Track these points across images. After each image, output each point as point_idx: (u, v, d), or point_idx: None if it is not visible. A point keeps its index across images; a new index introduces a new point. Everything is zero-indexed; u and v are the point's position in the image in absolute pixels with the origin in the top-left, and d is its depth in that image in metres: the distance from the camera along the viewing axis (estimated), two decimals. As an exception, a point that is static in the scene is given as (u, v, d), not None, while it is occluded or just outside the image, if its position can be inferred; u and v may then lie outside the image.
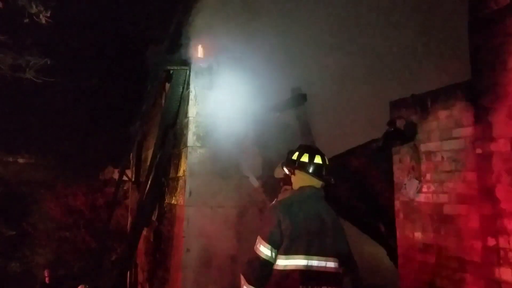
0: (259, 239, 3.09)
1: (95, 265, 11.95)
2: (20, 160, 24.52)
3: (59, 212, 18.87)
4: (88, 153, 20.89)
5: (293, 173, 3.36)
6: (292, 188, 3.46)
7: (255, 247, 3.09)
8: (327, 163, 3.26)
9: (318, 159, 3.24)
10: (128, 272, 10.44)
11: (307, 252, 3.00)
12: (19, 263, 19.85)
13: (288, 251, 3.00)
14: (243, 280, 3.14)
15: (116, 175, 18.21)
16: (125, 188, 14.71)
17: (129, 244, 5.75)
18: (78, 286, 10.55)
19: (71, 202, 18.93)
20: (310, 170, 3.24)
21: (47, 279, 11.39)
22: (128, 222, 12.37)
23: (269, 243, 3.02)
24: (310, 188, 3.23)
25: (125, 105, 15.19)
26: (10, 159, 24.19)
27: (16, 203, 20.79)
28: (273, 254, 3.02)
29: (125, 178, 10.29)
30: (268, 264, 3.02)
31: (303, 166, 3.26)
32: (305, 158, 3.26)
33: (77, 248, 17.88)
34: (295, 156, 3.30)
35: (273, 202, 3.81)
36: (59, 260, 16.90)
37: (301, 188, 3.28)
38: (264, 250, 3.03)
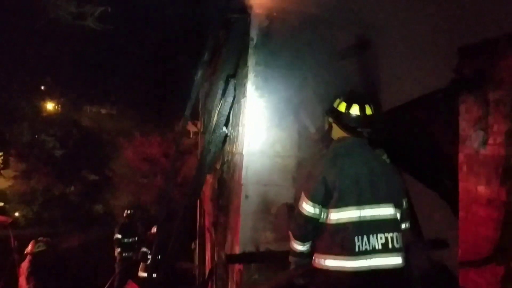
0: (302, 196, 3.05)
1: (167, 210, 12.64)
2: (102, 111, 26.07)
3: (137, 160, 20.06)
4: (164, 104, 21.71)
5: (330, 123, 3.23)
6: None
7: (298, 204, 3.07)
8: (370, 112, 3.06)
9: (355, 109, 3.04)
10: (198, 217, 11.01)
11: (359, 202, 2.91)
12: (102, 205, 21.59)
13: (339, 204, 2.92)
14: (291, 236, 3.17)
15: (190, 127, 18.85)
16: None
17: (192, 190, 6.02)
18: (152, 227, 11.52)
19: (148, 151, 20.02)
20: (343, 122, 3.08)
21: (126, 219, 12.37)
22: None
23: (311, 200, 2.97)
24: (349, 137, 3.12)
25: (190, 57, 15.42)
26: (93, 109, 25.80)
27: (98, 151, 22.37)
28: (317, 210, 2.96)
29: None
30: (312, 220, 2.98)
31: (337, 117, 3.11)
32: (341, 107, 3.10)
33: (152, 193, 19.03)
34: (336, 103, 3.16)
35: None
36: (137, 204, 18.08)
37: (341, 138, 3.16)
38: (307, 207, 2.99)
